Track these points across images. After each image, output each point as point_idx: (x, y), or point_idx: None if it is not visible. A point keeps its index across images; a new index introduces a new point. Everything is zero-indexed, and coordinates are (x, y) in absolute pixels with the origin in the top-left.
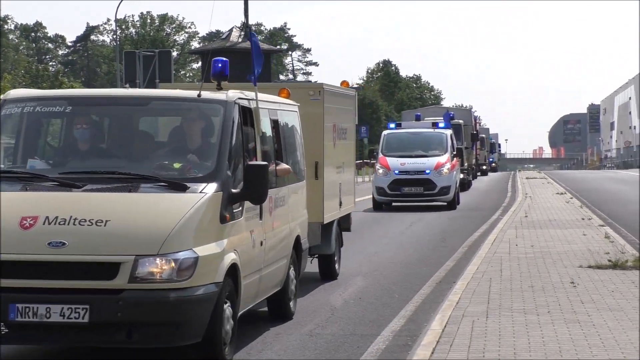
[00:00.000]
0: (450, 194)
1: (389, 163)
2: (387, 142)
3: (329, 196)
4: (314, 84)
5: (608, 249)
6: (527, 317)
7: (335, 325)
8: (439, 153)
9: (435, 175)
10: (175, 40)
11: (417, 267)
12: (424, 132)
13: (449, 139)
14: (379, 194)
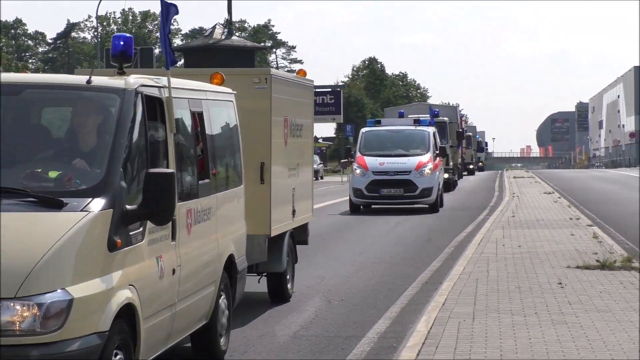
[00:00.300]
0: (432, 196)
1: (367, 163)
2: (366, 141)
3: (278, 204)
4: (259, 69)
5: (596, 249)
6: (514, 319)
7: (319, 326)
8: (420, 152)
9: (417, 176)
10: (157, 38)
11: (402, 267)
12: (404, 130)
13: (431, 137)
14: (356, 195)
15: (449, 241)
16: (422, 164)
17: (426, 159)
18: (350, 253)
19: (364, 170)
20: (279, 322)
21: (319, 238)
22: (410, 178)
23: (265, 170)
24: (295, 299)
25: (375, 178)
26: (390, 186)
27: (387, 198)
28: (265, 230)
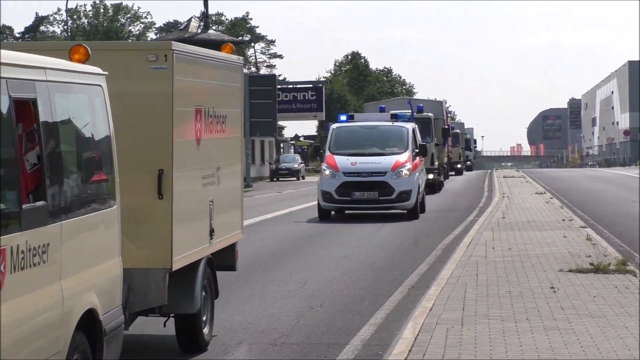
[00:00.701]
0: (410, 200)
1: (337, 163)
2: (336, 138)
3: (184, 224)
4: (157, 42)
5: (590, 252)
6: (504, 325)
7: (301, 333)
8: (398, 151)
9: (393, 178)
10: (131, 31)
11: (388, 271)
12: (380, 126)
13: (410, 134)
14: (325, 199)
15: (437, 244)
16: (399, 164)
17: (404, 158)
18: (334, 256)
19: (334, 171)
20: (258, 328)
21: (300, 241)
22: (385, 180)
23: (164, 180)
24: (277, 305)
25: (347, 180)
26: (364, 189)
27: (360, 202)
28: (163, 263)
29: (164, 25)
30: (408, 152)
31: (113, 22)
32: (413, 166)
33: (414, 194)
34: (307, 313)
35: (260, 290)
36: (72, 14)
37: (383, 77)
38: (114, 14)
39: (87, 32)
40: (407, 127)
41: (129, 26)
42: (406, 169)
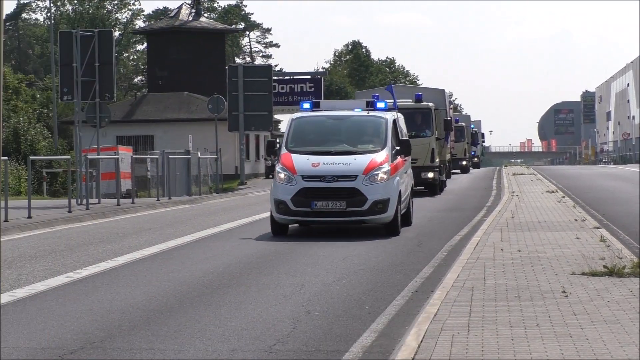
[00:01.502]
0: (388, 212)
1: (294, 163)
2: (295, 132)
3: None
4: None
5: (604, 254)
6: (513, 331)
7: (298, 340)
8: (373, 148)
9: (366, 183)
10: (118, 19)
11: (390, 274)
12: (351, 117)
13: (389, 127)
14: (279, 210)
15: (442, 245)
16: (374, 165)
17: (381, 157)
18: (332, 258)
19: (291, 174)
20: (253, 335)
21: (296, 241)
22: (356, 186)
23: None
24: (272, 310)
25: (306, 186)
26: (328, 197)
27: (323, 215)
28: None
29: (153, 12)
30: (386, 150)
31: (99, 9)
32: (392, 168)
33: (392, 204)
34: (304, 318)
35: (255, 295)
36: (55, 0)
37: (385, 67)
38: (99, 1)
39: (71, 19)
40: (386, 117)
41: (115, 13)
42: (383, 171)
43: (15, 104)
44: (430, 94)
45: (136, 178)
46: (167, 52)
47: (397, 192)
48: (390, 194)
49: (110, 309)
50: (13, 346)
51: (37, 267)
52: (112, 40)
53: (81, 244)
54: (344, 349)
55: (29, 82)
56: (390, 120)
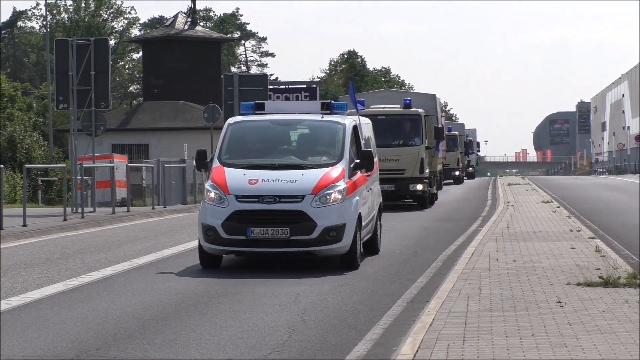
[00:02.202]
0: (343, 241)
1: (227, 179)
2: (231, 140)
3: None
4: None
5: (599, 264)
6: (508, 341)
7: (293, 349)
8: (327, 161)
9: (316, 205)
10: (113, 27)
11: (385, 284)
12: (302, 122)
13: (348, 135)
14: (207, 238)
15: (437, 255)
16: (326, 183)
17: (336, 173)
18: (328, 268)
19: (222, 194)
20: (248, 344)
21: None
22: (302, 209)
23: None
24: (267, 319)
25: (240, 208)
26: (267, 223)
27: (261, 244)
28: None
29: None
30: (343, 164)
31: (95, 17)
32: (350, 185)
33: (348, 231)
34: (299, 328)
35: (250, 304)
36: (51, 8)
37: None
38: (95, 9)
39: (67, 28)
40: (344, 123)
41: (111, 22)
42: (337, 190)
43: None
44: (420, 100)
45: (131, 186)
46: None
47: (356, 216)
48: (346, 218)
49: (106, 318)
50: (8, 355)
51: (33, 275)
52: (107, 48)
53: (76, 253)
54: (339, 358)
55: (24, 90)
56: (349, 127)
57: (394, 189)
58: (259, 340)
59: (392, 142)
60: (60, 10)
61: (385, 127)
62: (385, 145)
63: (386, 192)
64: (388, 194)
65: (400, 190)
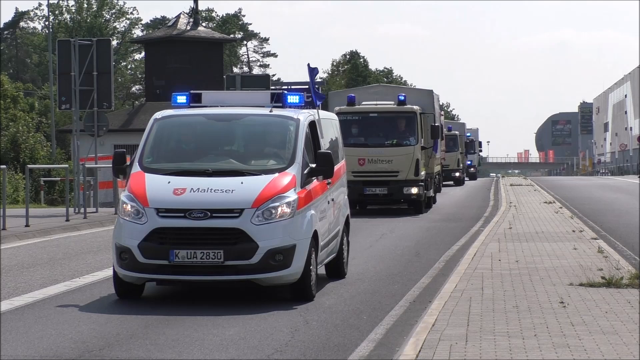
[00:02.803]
0: (293, 266)
1: (147, 189)
2: (157, 139)
3: None
4: None
5: (601, 265)
6: (511, 341)
7: (295, 349)
8: (275, 165)
9: (258, 221)
10: (116, 28)
11: (388, 284)
12: (246, 117)
13: (301, 133)
14: (122, 263)
15: (440, 255)
16: (272, 193)
17: (285, 180)
18: None
19: (140, 206)
20: (250, 344)
21: None
22: (240, 226)
23: None
24: (270, 319)
25: (162, 225)
26: (195, 244)
27: (187, 272)
28: None
29: (151, 21)
30: (294, 169)
31: (97, 17)
32: (304, 196)
33: (300, 253)
34: (302, 328)
35: (253, 304)
36: (53, 9)
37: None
38: (97, 10)
39: (69, 28)
40: (298, 118)
41: (113, 22)
42: (286, 202)
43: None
44: (416, 96)
45: None
46: (165, 61)
47: (310, 234)
48: (297, 237)
49: (109, 318)
50: (11, 355)
51: (35, 275)
52: (110, 49)
53: (79, 253)
54: (342, 358)
55: (27, 90)
56: (304, 123)
57: (387, 193)
58: (262, 340)
59: (385, 141)
60: (63, 10)
61: (377, 125)
62: (378, 145)
63: (378, 196)
64: (380, 198)
65: (393, 194)
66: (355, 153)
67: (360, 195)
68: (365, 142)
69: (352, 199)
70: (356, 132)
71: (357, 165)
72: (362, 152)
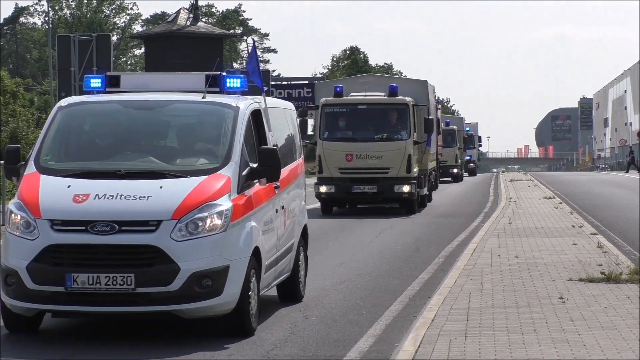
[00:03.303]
0: (224, 295)
1: (40, 194)
2: (58, 133)
3: None
4: None
5: (601, 260)
6: (510, 337)
7: (295, 345)
8: (204, 165)
9: (180, 236)
10: (115, 23)
11: (387, 280)
12: (172, 105)
13: (240, 125)
14: (8, 290)
15: (439, 251)
16: (198, 201)
17: (216, 184)
18: (330, 264)
19: (30, 217)
20: (249, 340)
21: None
22: (155, 243)
23: None
24: (269, 315)
25: (57, 241)
26: (99, 266)
27: (89, 301)
28: None
29: (151, 17)
30: (230, 169)
31: (97, 13)
32: (242, 205)
33: (235, 278)
34: (301, 323)
35: None
36: (53, 4)
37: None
38: (97, 5)
39: (69, 24)
40: (238, 107)
41: (113, 18)
42: (217, 212)
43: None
44: (409, 87)
45: None
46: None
47: (250, 252)
48: (232, 256)
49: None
50: (10, 355)
51: None
52: (110, 44)
53: None
54: (341, 354)
55: (26, 86)
56: (245, 113)
57: (377, 191)
58: (261, 336)
59: (375, 135)
60: (63, 6)
61: (366, 118)
62: (367, 139)
63: (367, 194)
64: (369, 197)
65: (383, 192)
66: (343, 148)
67: (348, 193)
68: (353, 136)
69: (339, 197)
70: (343, 126)
71: (344, 161)
72: (349, 147)
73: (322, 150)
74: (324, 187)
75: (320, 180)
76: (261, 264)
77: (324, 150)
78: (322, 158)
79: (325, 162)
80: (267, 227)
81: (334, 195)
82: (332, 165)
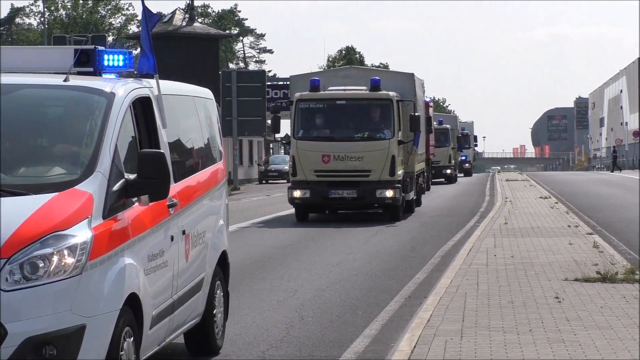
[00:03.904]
0: None
1: None
2: None
3: None
4: None
5: (597, 260)
6: (506, 337)
7: (291, 345)
8: (58, 177)
9: (10, 284)
10: (111, 24)
11: (383, 280)
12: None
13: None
14: None
15: (435, 251)
16: (41, 230)
17: (71, 206)
18: (326, 264)
19: None
20: (246, 340)
21: (290, 247)
22: None
23: None
24: (265, 315)
25: None
26: None
27: None
28: None
29: None
30: (93, 183)
31: (93, 14)
32: (111, 234)
33: (96, 342)
34: (297, 324)
35: (248, 300)
36: (49, 5)
37: None
38: (93, 6)
39: (65, 24)
40: (112, 93)
41: (109, 18)
42: (69, 246)
43: None
44: (394, 80)
45: None
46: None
47: (120, 303)
48: (90, 311)
49: None
50: None
51: None
52: (105, 44)
53: None
54: (337, 354)
55: None
56: (124, 102)
57: (357, 196)
58: (257, 336)
59: (355, 134)
60: (58, 6)
61: (345, 115)
62: (346, 138)
63: (346, 200)
64: (348, 202)
65: (365, 197)
66: (319, 148)
67: (325, 198)
68: (330, 135)
69: (315, 203)
70: (320, 124)
71: (320, 163)
72: (326, 147)
73: (296, 150)
74: (298, 192)
75: (293, 184)
76: (143, 317)
77: (298, 151)
78: (296, 159)
79: (299, 164)
80: (155, 263)
81: (309, 200)
82: (307, 167)
